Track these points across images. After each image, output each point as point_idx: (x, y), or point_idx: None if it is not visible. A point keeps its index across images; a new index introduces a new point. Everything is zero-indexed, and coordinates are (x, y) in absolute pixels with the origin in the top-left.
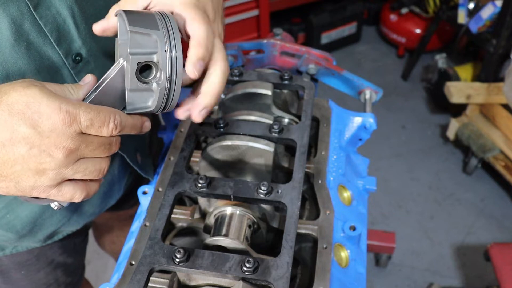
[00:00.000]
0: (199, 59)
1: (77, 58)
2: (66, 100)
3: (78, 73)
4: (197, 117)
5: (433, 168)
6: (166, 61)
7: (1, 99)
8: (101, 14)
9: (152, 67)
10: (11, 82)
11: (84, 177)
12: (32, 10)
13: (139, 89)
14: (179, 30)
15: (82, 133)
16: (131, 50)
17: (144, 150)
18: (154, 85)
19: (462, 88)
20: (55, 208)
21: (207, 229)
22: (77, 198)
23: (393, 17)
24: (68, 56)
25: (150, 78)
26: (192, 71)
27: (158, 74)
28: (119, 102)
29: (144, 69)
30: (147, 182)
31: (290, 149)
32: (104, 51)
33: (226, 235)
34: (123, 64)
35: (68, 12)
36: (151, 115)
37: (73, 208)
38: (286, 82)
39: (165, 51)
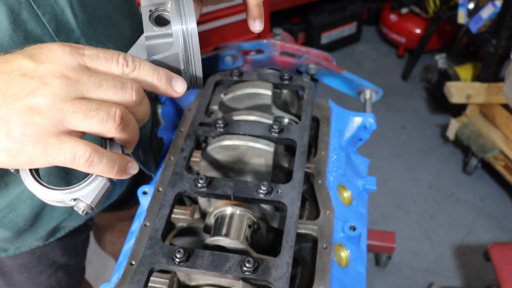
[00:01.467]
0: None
1: None
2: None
3: None
4: (257, 27)
5: (433, 168)
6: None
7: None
8: (99, 3)
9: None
10: None
11: (87, 119)
12: None
13: (156, 35)
14: None
15: (87, 67)
16: (142, 3)
17: (145, 147)
18: (171, 35)
19: (462, 88)
20: (80, 211)
21: (207, 229)
22: (80, 158)
23: (393, 17)
24: None
25: (166, 25)
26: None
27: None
28: None
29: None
30: (147, 181)
31: (290, 149)
32: (103, 42)
33: (226, 235)
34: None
35: (66, 2)
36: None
37: None
38: (286, 82)
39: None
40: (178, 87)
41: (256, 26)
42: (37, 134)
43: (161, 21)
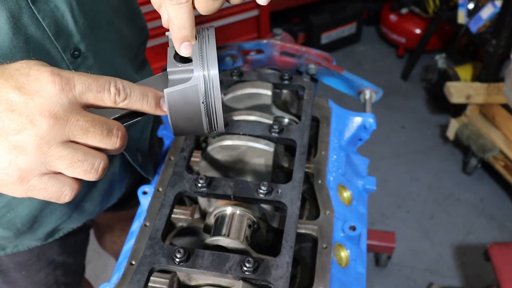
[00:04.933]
0: None
1: (76, 53)
2: (60, 69)
3: (76, 68)
4: None
5: (433, 168)
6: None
7: None
8: (99, 8)
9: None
10: None
11: (71, 168)
12: (30, 4)
13: (178, 70)
14: None
15: (77, 103)
16: (170, 44)
17: (144, 150)
18: (193, 72)
19: (462, 88)
20: None
21: (207, 229)
22: (65, 196)
23: (393, 17)
24: (67, 51)
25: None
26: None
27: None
28: None
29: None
30: (147, 182)
31: (290, 149)
32: (103, 47)
33: (226, 235)
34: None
35: (66, 7)
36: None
37: (74, 205)
38: (286, 82)
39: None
40: (165, 107)
41: None
42: (20, 175)
43: (185, 60)
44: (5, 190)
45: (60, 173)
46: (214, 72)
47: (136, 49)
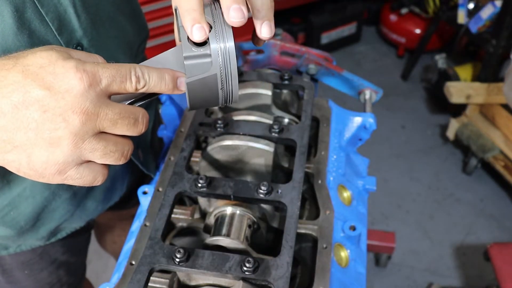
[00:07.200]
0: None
1: (78, 47)
2: (83, 61)
3: None
4: (264, 33)
5: (433, 168)
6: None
7: (18, 61)
8: (101, 4)
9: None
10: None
11: (104, 158)
12: None
13: (195, 55)
14: None
15: (104, 94)
16: (180, 23)
17: (145, 147)
18: (210, 52)
19: (462, 88)
20: None
21: (207, 229)
22: (98, 182)
23: (393, 17)
24: (70, 46)
25: (206, 45)
26: (233, 19)
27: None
28: None
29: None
30: (148, 182)
31: (290, 149)
32: (106, 42)
33: (226, 235)
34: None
35: (69, 2)
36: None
37: (76, 202)
38: (286, 82)
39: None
40: (183, 87)
41: (263, 32)
42: (58, 169)
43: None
44: (43, 180)
45: (92, 161)
46: (230, 44)
47: (137, 47)
